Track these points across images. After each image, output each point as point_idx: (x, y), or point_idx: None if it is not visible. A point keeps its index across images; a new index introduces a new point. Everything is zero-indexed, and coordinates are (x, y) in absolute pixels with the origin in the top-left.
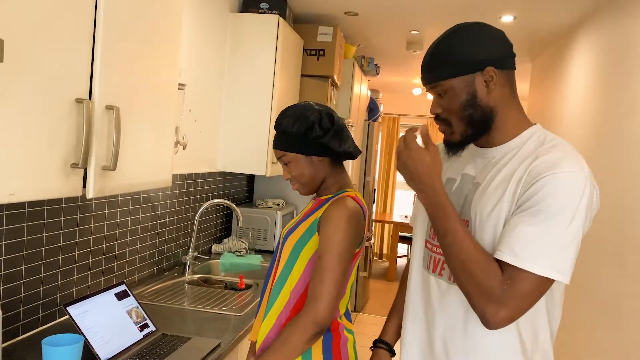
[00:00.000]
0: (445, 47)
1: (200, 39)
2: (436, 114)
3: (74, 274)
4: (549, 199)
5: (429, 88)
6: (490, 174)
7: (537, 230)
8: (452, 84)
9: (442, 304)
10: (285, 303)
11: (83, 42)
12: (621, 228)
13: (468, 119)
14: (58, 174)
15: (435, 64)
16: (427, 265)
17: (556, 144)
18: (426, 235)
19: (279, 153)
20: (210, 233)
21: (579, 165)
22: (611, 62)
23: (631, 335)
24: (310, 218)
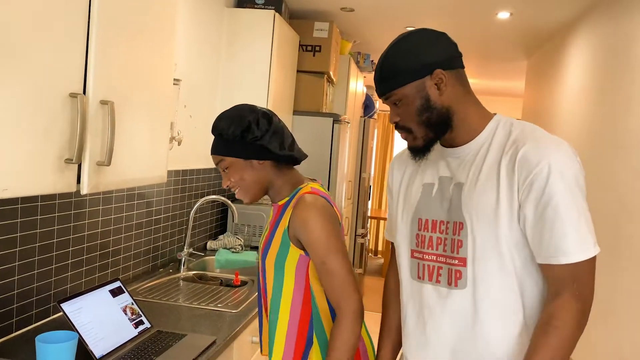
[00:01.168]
0: (392, 58)
1: (196, 35)
2: (395, 122)
3: (68, 271)
4: (559, 187)
5: (384, 99)
6: (471, 172)
7: (568, 220)
8: (404, 92)
9: (445, 309)
10: (289, 319)
11: (77, 36)
12: (616, 226)
13: (426, 123)
14: (52, 170)
15: (385, 75)
16: (418, 275)
17: (525, 127)
18: (411, 245)
19: (216, 159)
20: (205, 229)
21: (560, 141)
22: (607, 59)
23: (624, 331)
24: (278, 229)
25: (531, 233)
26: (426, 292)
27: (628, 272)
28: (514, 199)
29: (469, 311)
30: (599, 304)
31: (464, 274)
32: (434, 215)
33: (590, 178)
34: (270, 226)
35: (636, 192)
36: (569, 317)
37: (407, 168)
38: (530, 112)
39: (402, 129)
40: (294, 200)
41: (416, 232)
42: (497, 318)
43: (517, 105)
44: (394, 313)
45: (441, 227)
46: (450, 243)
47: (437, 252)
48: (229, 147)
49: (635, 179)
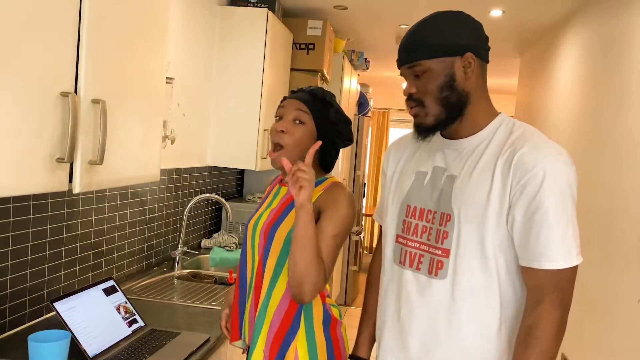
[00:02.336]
0: (428, 29)
1: (189, 32)
2: (410, 94)
3: (61, 270)
4: (551, 193)
5: (406, 67)
6: (466, 166)
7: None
8: (431, 65)
9: (423, 297)
10: (282, 295)
11: (68, 35)
12: (608, 223)
13: (444, 102)
14: (44, 169)
15: (416, 44)
16: (400, 260)
17: (525, 130)
18: (397, 229)
19: (300, 106)
20: (199, 228)
21: (559, 149)
22: (599, 57)
23: (618, 330)
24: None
25: (518, 235)
26: (406, 278)
27: (619, 268)
28: (505, 200)
29: (446, 302)
30: (590, 300)
31: (445, 264)
32: (423, 204)
33: (582, 175)
34: (282, 202)
35: (627, 188)
36: (549, 327)
37: (404, 155)
38: (523, 110)
39: (415, 102)
40: (323, 184)
41: (403, 217)
42: (473, 312)
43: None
44: (375, 298)
45: (428, 216)
46: (435, 233)
47: (421, 240)
48: (319, 112)
49: (626, 176)
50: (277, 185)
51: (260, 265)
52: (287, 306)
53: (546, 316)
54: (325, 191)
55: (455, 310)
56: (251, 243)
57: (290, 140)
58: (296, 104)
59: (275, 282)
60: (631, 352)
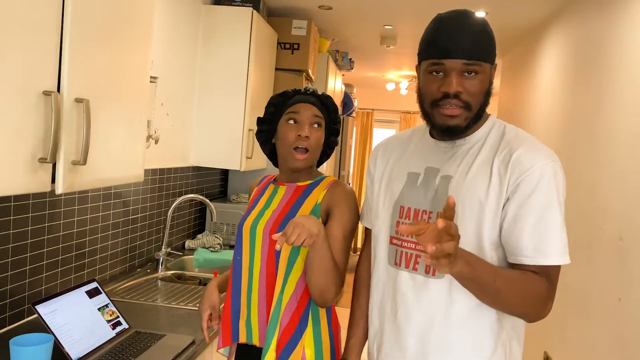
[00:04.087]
0: (486, 31)
1: (172, 31)
2: (457, 92)
3: (43, 272)
4: (547, 193)
5: (464, 63)
6: (461, 166)
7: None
8: (485, 68)
9: (419, 297)
10: (292, 294)
11: (50, 33)
12: (589, 222)
13: (482, 106)
14: (25, 169)
15: (485, 42)
16: (395, 261)
17: (519, 133)
18: (390, 231)
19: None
20: (183, 229)
21: (553, 154)
22: (580, 58)
23: (600, 328)
24: (305, 204)
25: (508, 231)
26: (401, 279)
27: (599, 267)
28: (501, 198)
29: (444, 301)
30: (572, 298)
31: None
32: (417, 204)
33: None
34: (284, 203)
35: (607, 188)
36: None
37: (392, 156)
38: (505, 110)
39: (460, 102)
40: (323, 183)
41: (397, 219)
42: (471, 310)
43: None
44: (365, 302)
45: (423, 217)
46: None
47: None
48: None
49: (606, 176)
50: (272, 185)
51: (270, 265)
52: (296, 303)
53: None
54: (329, 190)
55: (453, 309)
56: (250, 244)
57: (313, 143)
58: (312, 109)
59: (286, 282)
60: (612, 349)
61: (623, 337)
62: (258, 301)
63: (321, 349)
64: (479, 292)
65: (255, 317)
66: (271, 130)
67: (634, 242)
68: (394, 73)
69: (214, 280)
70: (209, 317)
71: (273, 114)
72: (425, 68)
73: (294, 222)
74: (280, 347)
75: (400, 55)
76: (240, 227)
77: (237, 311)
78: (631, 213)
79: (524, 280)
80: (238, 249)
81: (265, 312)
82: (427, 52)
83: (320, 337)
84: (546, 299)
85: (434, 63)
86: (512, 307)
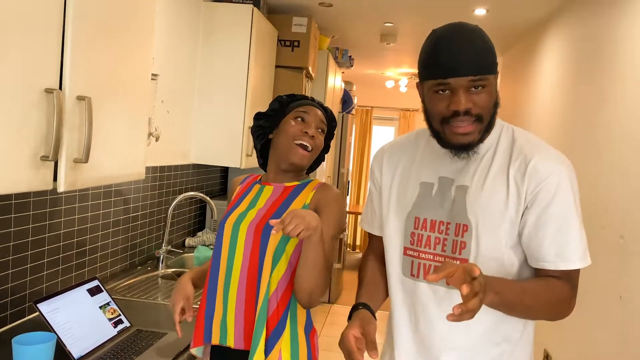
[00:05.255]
0: (488, 41)
1: (173, 29)
2: (468, 109)
3: (44, 270)
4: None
5: (471, 80)
6: (476, 176)
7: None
8: (491, 81)
9: (442, 308)
10: (272, 294)
11: (52, 31)
12: (590, 220)
13: (492, 117)
14: (27, 167)
15: (487, 55)
16: (412, 273)
17: (528, 137)
18: (404, 242)
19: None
20: (184, 226)
21: (565, 159)
22: (580, 56)
23: (601, 326)
24: (293, 205)
25: (529, 238)
26: (420, 290)
27: (600, 264)
28: (520, 206)
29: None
30: None
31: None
32: (434, 215)
33: None
34: (271, 203)
35: (608, 186)
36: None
37: (400, 164)
38: (505, 109)
39: (473, 117)
40: (311, 185)
41: (411, 230)
42: (494, 317)
43: None
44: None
45: (440, 228)
46: (451, 244)
47: (435, 251)
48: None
49: (606, 174)
50: (258, 185)
51: (253, 265)
52: (276, 304)
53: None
54: (317, 191)
55: (478, 318)
56: (231, 242)
57: (315, 145)
58: (320, 114)
59: (269, 282)
60: (613, 347)
61: (624, 335)
62: (236, 301)
63: (297, 352)
64: (509, 311)
65: (232, 318)
66: (270, 127)
67: (634, 240)
68: (394, 70)
69: (187, 273)
70: (181, 311)
71: (276, 111)
72: (429, 87)
73: (294, 212)
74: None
75: (400, 53)
76: (222, 225)
77: (211, 311)
78: (632, 211)
79: (548, 289)
80: (217, 247)
81: (242, 313)
82: (429, 72)
83: (297, 340)
84: (569, 300)
85: (439, 83)
86: (540, 315)
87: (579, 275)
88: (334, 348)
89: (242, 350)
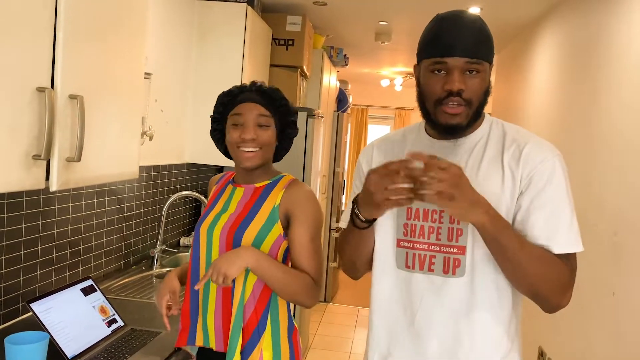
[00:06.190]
0: (488, 30)
1: (167, 27)
2: (459, 90)
3: (37, 270)
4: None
5: (466, 61)
6: (469, 163)
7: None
8: (486, 67)
9: (440, 298)
10: (249, 295)
11: (44, 28)
12: (584, 218)
13: (482, 104)
14: (19, 166)
15: (485, 41)
16: (406, 264)
17: (519, 129)
18: (397, 234)
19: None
20: (178, 226)
21: (553, 145)
22: (574, 54)
23: (594, 323)
24: (264, 206)
25: (522, 222)
26: (417, 282)
27: (593, 262)
28: (515, 191)
29: (466, 299)
30: None
31: (462, 262)
32: (426, 204)
33: None
34: (242, 206)
35: (603, 184)
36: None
37: (389, 157)
38: (500, 106)
39: (462, 100)
40: (281, 182)
41: (404, 221)
42: (492, 304)
43: None
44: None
45: (433, 216)
46: (446, 231)
47: (429, 240)
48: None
49: (600, 172)
50: (230, 186)
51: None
52: (254, 306)
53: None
54: (286, 190)
55: (476, 306)
56: (207, 248)
57: (260, 143)
58: (256, 108)
59: (244, 285)
60: (606, 343)
61: (617, 332)
62: (215, 305)
63: (279, 352)
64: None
65: (212, 321)
66: (222, 130)
67: (628, 237)
68: (389, 69)
69: (173, 270)
70: (167, 305)
71: (222, 114)
72: (426, 66)
73: (213, 264)
74: (241, 348)
75: (395, 52)
76: (197, 229)
77: (195, 314)
78: (626, 208)
79: (549, 258)
80: (195, 252)
81: (221, 316)
82: (428, 51)
83: (279, 339)
84: (567, 284)
85: (437, 62)
86: (536, 283)
87: (576, 262)
88: (329, 346)
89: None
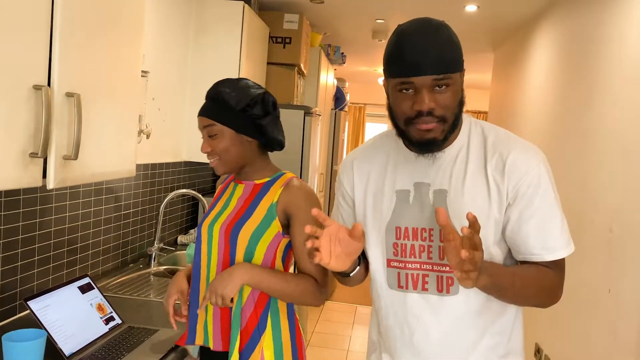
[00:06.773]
0: (453, 38)
1: (164, 25)
2: (430, 109)
3: (35, 268)
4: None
5: (434, 79)
6: (453, 177)
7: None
8: (456, 79)
9: (437, 317)
10: (249, 295)
11: (40, 26)
12: (580, 214)
13: (457, 116)
14: (16, 164)
15: (452, 52)
16: (399, 284)
17: (498, 132)
18: (387, 254)
19: (206, 121)
20: (176, 224)
21: (538, 150)
22: (570, 52)
23: (590, 319)
24: (262, 204)
25: (513, 233)
26: (411, 301)
27: (589, 258)
28: (502, 204)
29: (463, 316)
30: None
31: (455, 280)
32: (414, 223)
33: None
34: (241, 203)
35: (597, 181)
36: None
37: (371, 173)
38: (497, 104)
39: (434, 118)
40: (280, 180)
41: (393, 241)
42: (492, 318)
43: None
44: None
45: (423, 235)
46: (437, 250)
47: (421, 259)
48: (227, 116)
49: (596, 169)
50: (233, 183)
51: (227, 267)
52: (254, 305)
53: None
54: (285, 188)
55: (474, 322)
56: (208, 245)
57: (217, 151)
58: (201, 121)
59: (242, 288)
60: (602, 339)
61: (613, 328)
62: (214, 306)
63: (281, 350)
64: (500, 296)
65: (211, 320)
66: None
67: (623, 234)
68: None
69: (183, 270)
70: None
71: None
72: (393, 86)
73: (210, 287)
74: (241, 349)
75: None
76: (199, 227)
77: (195, 313)
78: (621, 205)
79: (537, 275)
80: (197, 249)
81: (219, 315)
82: (393, 71)
83: (281, 338)
84: (557, 287)
85: (403, 82)
86: (530, 300)
87: (564, 262)
88: (328, 344)
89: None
